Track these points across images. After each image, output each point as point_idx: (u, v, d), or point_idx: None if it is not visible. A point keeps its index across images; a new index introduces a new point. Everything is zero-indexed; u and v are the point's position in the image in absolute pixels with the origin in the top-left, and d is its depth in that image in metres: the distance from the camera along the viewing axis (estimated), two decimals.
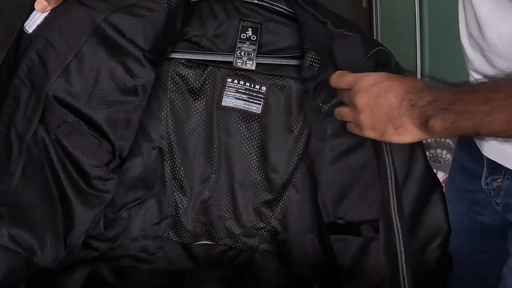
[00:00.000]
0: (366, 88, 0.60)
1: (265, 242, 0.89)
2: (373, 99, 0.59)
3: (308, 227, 0.86)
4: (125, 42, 0.74)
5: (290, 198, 0.87)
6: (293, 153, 0.86)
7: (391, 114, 0.58)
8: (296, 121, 0.85)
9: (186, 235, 0.90)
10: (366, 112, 0.60)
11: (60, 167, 0.76)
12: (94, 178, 0.78)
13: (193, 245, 0.90)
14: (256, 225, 0.89)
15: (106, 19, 0.72)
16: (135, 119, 0.79)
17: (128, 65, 0.75)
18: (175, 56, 0.83)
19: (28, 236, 0.72)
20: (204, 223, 0.90)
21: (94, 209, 0.80)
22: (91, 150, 0.77)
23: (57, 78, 0.72)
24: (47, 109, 0.73)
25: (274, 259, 0.88)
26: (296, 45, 0.81)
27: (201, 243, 0.90)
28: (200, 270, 0.87)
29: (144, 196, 0.87)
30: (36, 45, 0.71)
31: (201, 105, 0.86)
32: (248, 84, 0.84)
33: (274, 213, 0.88)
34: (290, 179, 0.87)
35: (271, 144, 0.86)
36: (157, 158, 0.87)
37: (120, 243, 0.87)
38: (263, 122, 0.86)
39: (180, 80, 0.84)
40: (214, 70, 0.84)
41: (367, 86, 0.60)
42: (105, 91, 0.75)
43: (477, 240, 0.77)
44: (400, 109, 0.57)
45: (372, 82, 0.60)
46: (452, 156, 0.82)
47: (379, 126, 0.60)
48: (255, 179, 0.88)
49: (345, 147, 0.78)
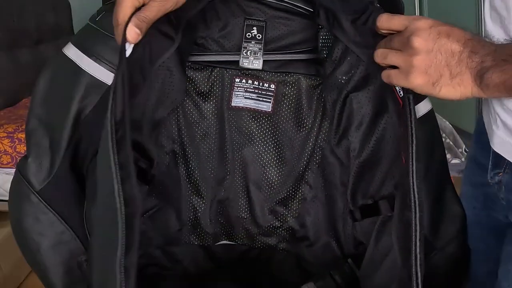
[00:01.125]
0: (425, 29, 0.56)
1: (284, 241, 0.89)
2: (432, 40, 0.55)
3: (324, 224, 0.86)
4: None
5: (304, 195, 0.88)
6: (304, 149, 0.86)
7: (450, 59, 0.55)
8: (307, 117, 0.85)
9: (207, 237, 0.90)
10: (422, 54, 0.56)
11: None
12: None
13: (214, 246, 0.90)
14: (273, 224, 0.89)
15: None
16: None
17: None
18: None
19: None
20: (223, 224, 0.90)
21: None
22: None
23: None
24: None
25: (293, 257, 0.88)
26: (303, 40, 0.81)
27: (221, 244, 0.91)
28: (219, 270, 0.87)
29: (162, 203, 0.87)
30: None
31: (211, 106, 0.85)
32: (256, 83, 0.84)
33: (290, 212, 0.88)
34: (302, 176, 0.87)
35: (282, 142, 0.86)
36: (171, 163, 0.87)
37: (143, 252, 0.87)
38: (274, 120, 0.86)
39: (188, 83, 0.84)
40: (221, 71, 0.84)
41: (426, 26, 0.56)
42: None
43: (491, 236, 0.77)
44: (462, 55, 0.54)
45: (432, 24, 0.56)
46: (467, 153, 0.82)
47: (434, 71, 0.56)
48: (269, 178, 0.88)
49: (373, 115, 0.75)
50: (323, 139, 0.85)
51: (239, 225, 0.89)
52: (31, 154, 0.76)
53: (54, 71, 0.78)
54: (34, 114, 0.77)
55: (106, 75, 0.74)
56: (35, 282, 1.20)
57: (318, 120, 0.84)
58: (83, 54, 0.75)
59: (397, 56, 0.59)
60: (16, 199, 0.79)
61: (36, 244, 0.77)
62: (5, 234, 1.75)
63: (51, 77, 0.77)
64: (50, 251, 0.77)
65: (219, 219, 0.90)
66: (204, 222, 0.89)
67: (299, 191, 0.87)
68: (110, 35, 0.74)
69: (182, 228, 0.89)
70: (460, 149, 2.31)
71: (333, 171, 0.85)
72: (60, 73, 0.77)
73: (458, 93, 0.56)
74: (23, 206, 0.77)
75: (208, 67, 0.84)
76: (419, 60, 0.56)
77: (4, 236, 1.75)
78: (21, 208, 0.77)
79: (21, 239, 0.79)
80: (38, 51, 2.48)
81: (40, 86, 0.77)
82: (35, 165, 0.76)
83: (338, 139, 0.80)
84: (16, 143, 1.89)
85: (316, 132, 0.85)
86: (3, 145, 1.89)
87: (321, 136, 0.85)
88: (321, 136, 0.85)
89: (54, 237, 0.77)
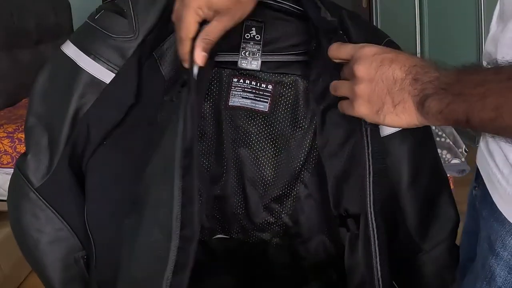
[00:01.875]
0: (368, 56, 0.55)
1: (278, 236, 0.91)
2: (374, 68, 0.54)
3: (318, 222, 0.88)
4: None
5: (298, 194, 0.89)
6: (300, 149, 0.87)
7: (392, 87, 0.53)
8: (304, 118, 0.85)
9: (204, 232, 0.91)
10: (364, 82, 0.55)
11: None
12: None
13: (210, 240, 0.91)
14: (268, 220, 0.90)
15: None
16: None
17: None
18: None
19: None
20: (219, 219, 0.91)
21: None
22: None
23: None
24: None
25: (286, 252, 0.90)
26: (301, 42, 0.82)
27: (217, 237, 0.92)
28: (214, 263, 0.88)
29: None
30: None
31: (209, 106, 0.86)
32: (254, 83, 0.84)
33: (284, 209, 0.90)
34: (298, 175, 0.88)
35: (279, 142, 0.87)
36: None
37: None
38: (270, 120, 0.86)
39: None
40: (219, 71, 0.84)
41: (370, 54, 0.55)
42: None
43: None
44: (404, 82, 0.53)
45: (375, 51, 0.55)
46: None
47: (376, 100, 0.55)
48: (264, 176, 0.89)
49: (344, 136, 0.77)
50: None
51: (234, 221, 0.91)
52: (30, 151, 0.77)
53: (52, 69, 0.79)
54: (33, 111, 0.78)
55: (104, 74, 0.75)
56: (35, 282, 1.20)
57: (315, 121, 0.85)
58: (82, 52, 0.75)
59: (344, 86, 0.58)
60: (15, 196, 0.79)
61: (34, 241, 0.78)
62: (5, 234, 1.76)
63: (49, 75, 0.78)
64: (48, 248, 0.78)
65: (215, 214, 0.91)
66: (202, 218, 0.89)
67: (294, 189, 0.88)
68: (109, 33, 0.75)
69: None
70: (460, 149, 2.31)
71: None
72: (58, 71, 0.78)
73: (403, 121, 0.54)
74: (21, 203, 0.78)
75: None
76: (361, 89, 0.55)
77: (4, 236, 1.75)
78: (20, 205, 0.78)
79: (20, 236, 0.80)
80: (38, 51, 2.49)
81: (38, 84, 0.78)
82: (34, 163, 0.77)
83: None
84: (16, 143, 1.90)
85: (312, 133, 0.85)
86: (3, 145, 1.89)
87: (317, 137, 0.85)
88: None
89: (52, 234, 0.78)
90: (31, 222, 0.77)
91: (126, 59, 0.75)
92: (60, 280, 0.79)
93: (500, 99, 0.45)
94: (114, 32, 0.75)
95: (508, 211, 0.56)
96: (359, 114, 0.58)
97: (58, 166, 0.76)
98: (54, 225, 0.78)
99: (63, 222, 0.78)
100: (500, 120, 0.45)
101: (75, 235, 0.79)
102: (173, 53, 0.77)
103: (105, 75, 0.75)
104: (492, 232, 0.58)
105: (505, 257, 0.56)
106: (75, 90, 0.75)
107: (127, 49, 0.75)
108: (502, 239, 0.56)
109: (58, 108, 0.76)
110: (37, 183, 0.76)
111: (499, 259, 0.57)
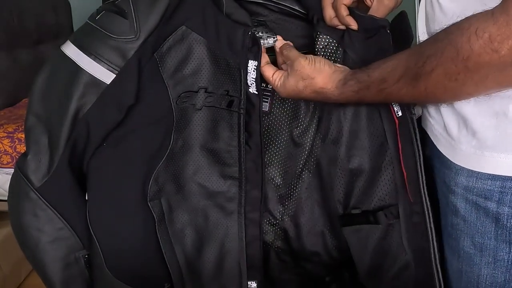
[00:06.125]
0: (294, 70, 0.74)
1: (279, 239, 0.89)
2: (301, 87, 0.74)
3: (318, 224, 0.87)
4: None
5: (300, 195, 0.87)
6: (301, 149, 0.86)
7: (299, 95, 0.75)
8: (304, 117, 0.85)
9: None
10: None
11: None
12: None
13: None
14: (270, 221, 0.89)
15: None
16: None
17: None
18: None
19: None
20: None
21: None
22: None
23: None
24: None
25: (287, 256, 0.89)
26: (301, 42, 0.82)
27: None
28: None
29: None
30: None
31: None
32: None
33: (286, 210, 0.88)
34: (299, 175, 0.87)
35: (279, 141, 0.87)
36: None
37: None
38: (271, 120, 0.86)
39: None
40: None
41: (300, 74, 0.73)
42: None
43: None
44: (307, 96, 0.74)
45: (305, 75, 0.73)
46: None
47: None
48: (266, 176, 0.87)
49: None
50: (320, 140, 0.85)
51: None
52: (31, 151, 0.77)
53: (52, 69, 0.79)
54: (32, 111, 0.78)
55: (104, 74, 0.75)
56: (35, 282, 1.20)
57: (316, 121, 0.85)
58: (82, 52, 0.76)
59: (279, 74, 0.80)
60: (15, 196, 0.80)
61: (34, 240, 0.78)
62: (5, 234, 1.76)
63: (49, 75, 0.78)
64: (49, 247, 0.78)
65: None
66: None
67: (295, 190, 0.87)
68: (110, 34, 0.75)
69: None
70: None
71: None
72: (58, 71, 0.78)
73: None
74: (22, 203, 0.78)
75: None
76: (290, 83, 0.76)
77: (4, 236, 1.75)
78: (20, 205, 0.78)
79: (20, 236, 0.80)
80: (38, 51, 2.48)
81: (38, 83, 0.78)
82: (35, 162, 0.77)
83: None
84: (16, 143, 1.89)
85: (313, 133, 0.85)
86: (3, 145, 1.89)
87: (318, 137, 0.85)
88: (318, 137, 0.85)
89: (52, 233, 0.78)
90: (32, 221, 0.78)
91: (127, 59, 0.75)
92: (60, 279, 0.80)
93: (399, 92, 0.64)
94: (114, 32, 0.75)
95: (450, 154, 0.69)
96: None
97: (58, 166, 0.77)
98: (54, 224, 0.78)
99: (63, 221, 0.78)
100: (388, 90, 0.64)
101: (76, 234, 0.79)
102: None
103: (106, 76, 0.75)
104: (445, 177, 0.71)
105: (460, 192, 0.68)
106: (75, 90, 0.75)
107: (128, 50, 0.75)
108: (454, 179, 0.69)
109: (58, 108, 0.76)
110: (37, 183, 0.77)
111: (456, 195, 0.69)
